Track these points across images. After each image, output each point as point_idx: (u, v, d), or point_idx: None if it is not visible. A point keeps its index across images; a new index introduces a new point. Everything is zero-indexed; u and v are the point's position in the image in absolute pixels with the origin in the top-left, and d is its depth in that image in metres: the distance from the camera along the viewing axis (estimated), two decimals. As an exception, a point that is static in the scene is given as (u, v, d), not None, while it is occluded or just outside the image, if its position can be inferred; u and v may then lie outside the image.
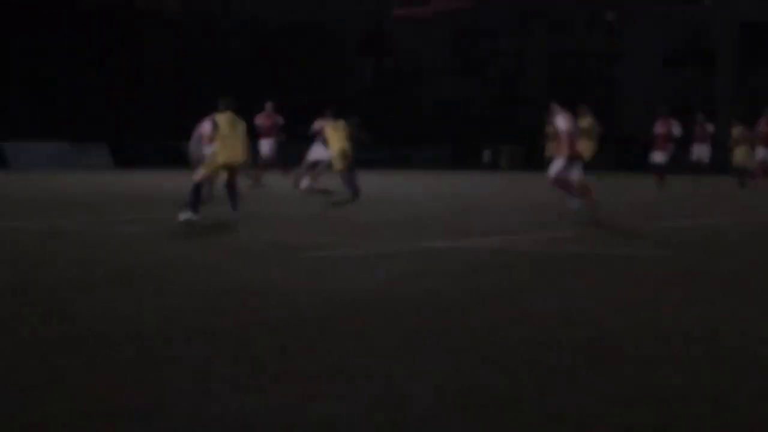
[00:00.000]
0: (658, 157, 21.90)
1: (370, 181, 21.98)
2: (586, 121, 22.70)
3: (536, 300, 5.92)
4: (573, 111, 23.35)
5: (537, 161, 27.45)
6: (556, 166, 12.52)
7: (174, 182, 16.82)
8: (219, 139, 11.97)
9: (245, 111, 13.06)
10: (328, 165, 18.08)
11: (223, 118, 12.03)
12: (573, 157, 12.48)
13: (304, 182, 18.65)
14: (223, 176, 12.13)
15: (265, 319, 5.16)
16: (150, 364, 4.08)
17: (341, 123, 17.68)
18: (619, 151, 34.85)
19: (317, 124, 18.87)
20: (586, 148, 22.41)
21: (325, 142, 18.05)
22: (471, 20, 46.33)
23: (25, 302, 5.66)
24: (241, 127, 12.15)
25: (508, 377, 3.94)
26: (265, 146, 20.79)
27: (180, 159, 19.22)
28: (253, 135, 18.65)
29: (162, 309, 5.43)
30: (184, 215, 10.91)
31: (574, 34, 45.07)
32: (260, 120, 20.75)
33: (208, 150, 16.41)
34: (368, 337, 4.72)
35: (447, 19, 46.47)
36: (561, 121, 12.68)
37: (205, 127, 16.46)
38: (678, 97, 39.08)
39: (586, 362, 4.23)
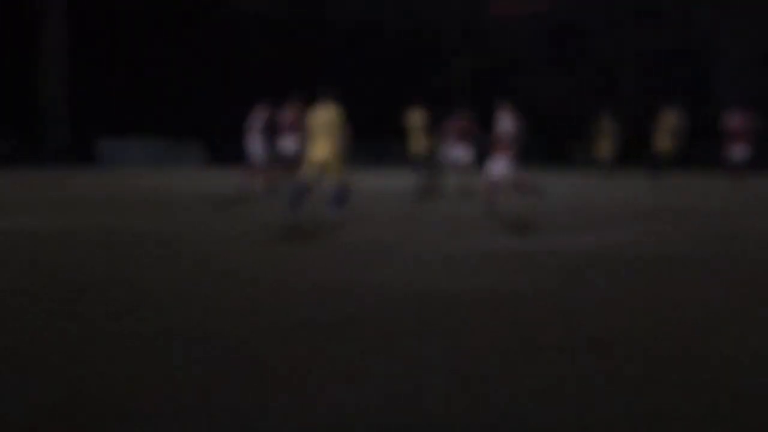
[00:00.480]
0: (735, 153, 21.19)
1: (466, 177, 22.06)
2: (669, 120, 22.47)
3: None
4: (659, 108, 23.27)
5: (631, 158, 27.46)
6: (500, 165, 13.05)
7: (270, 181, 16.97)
8: (312, 133, 11.30)
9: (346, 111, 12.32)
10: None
11: (316, 111, 11.30)
12: (512, 157, 13.00)
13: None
14: (326, 175, 11.51)
15: (339, 315, 5.15)
16: (185, 362, 4.08)
17: (421, 113, 17.96)
18: (714, 149, 34.30)
19: (459, 125, 19.12)
20: (666, 145, 22.31)
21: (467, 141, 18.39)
22: (566, 18, 46.12)
23: (101, 300, 5.68)
24: (337, 119, 11.20)
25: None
26: (289, 144, 19.02)
27: (276, 158, 18.86)
28: (273, 132, 18.41)
29: (239, 309, 5.42)
30: (288, 214, 11.06)
31: (669, 32, 44.38)
32: (284, 116, 18.85)
33: (253, 145, 16.74)
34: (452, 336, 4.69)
35: (543, 16, 46.39)
36: (506, 122, 13.13)
37: (255, 120, 17.03)
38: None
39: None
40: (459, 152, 19.62)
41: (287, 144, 18.88)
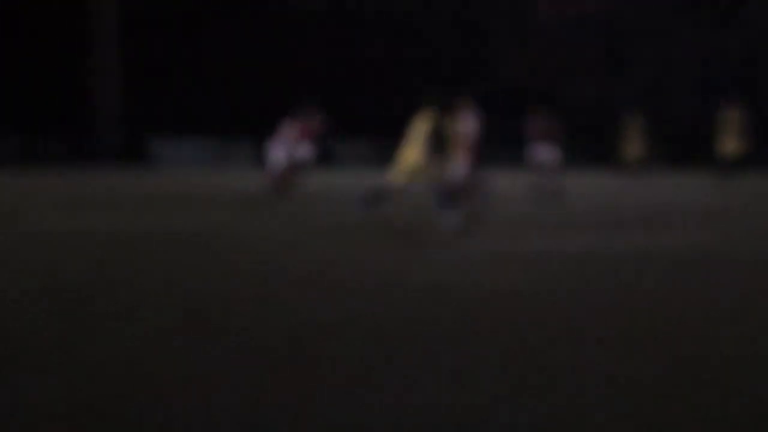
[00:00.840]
0: None
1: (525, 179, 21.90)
2: (734, 119, 21.95)
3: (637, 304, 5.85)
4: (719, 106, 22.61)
5: (682, 160, 27.21)
6: (459, 171, 12.67)
7: (322, 181, 17.01)
8: (408, 139, 11.34)
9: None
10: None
11: (417, 118, 11.34)
12: (473, 162, 12.81)
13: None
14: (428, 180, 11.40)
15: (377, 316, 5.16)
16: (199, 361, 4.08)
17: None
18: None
19: (542, 126, 18.85)
20: (732, 146, 21.82)
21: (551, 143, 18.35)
22: (618, 19, 45.86)
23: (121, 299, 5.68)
24: (432, 127, 11.13)
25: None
26: (303, 151, 19.44)
27: (327, 157, 18.94)
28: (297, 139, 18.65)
29: (239, 309, 5.40)
30: (358, 210, 11.19)
31: (721, 32, 44.00)
32: (302, 124, 19.32)
33: (275, 152, 16.90)
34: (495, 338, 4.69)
35: (594, 17, 46.15)
36: (467, 122, 12.74)
37: (284, 129, 17.24)
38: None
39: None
40: (544, 153, 19.32)
41: (302, 151, 19.09)
